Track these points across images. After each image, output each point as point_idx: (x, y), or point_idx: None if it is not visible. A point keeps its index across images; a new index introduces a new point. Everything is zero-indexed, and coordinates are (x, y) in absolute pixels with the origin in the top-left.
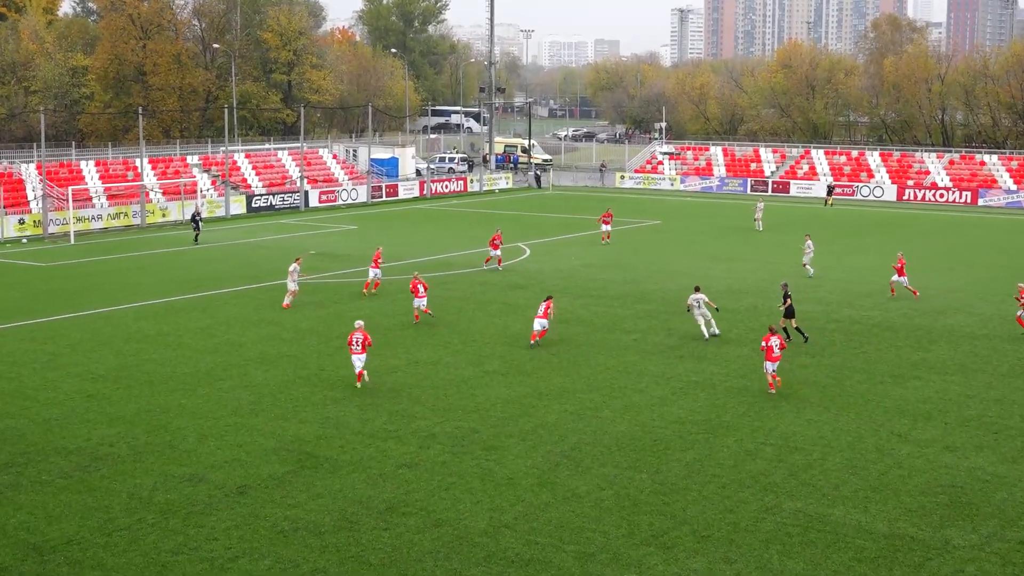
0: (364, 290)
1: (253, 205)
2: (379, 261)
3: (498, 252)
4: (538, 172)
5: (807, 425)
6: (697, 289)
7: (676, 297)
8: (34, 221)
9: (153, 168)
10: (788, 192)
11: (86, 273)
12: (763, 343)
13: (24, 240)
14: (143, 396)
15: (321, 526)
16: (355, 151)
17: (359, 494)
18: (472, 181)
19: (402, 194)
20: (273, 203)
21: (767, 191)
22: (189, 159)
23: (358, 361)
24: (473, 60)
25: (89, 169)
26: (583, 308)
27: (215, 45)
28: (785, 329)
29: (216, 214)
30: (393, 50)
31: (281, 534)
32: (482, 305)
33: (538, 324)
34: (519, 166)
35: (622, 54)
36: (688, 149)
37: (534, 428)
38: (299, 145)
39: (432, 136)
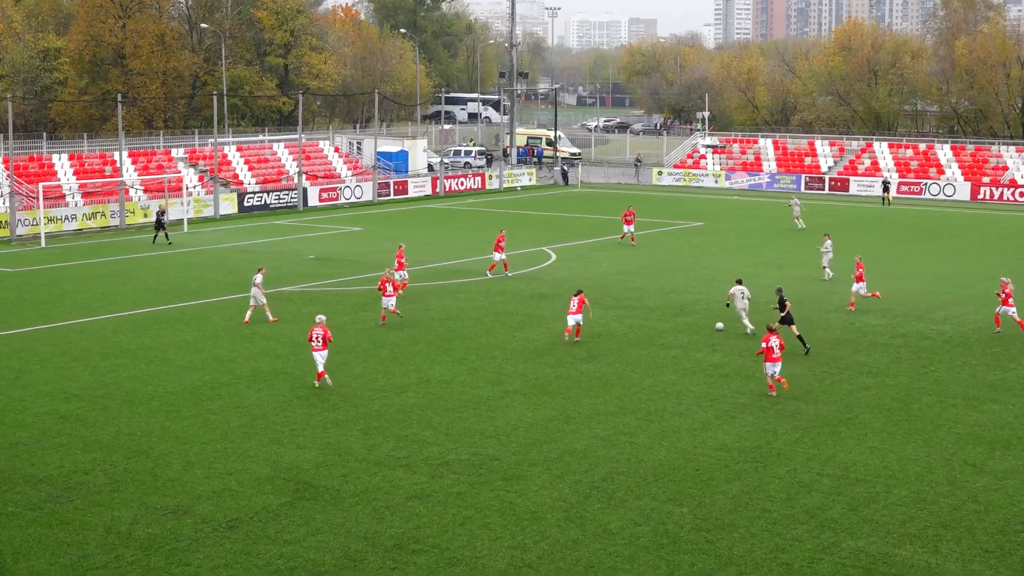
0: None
1: (245, 204)
2: (402, 261)
3: (502, 256)
4: (565, 167)
5: (869, 453)
6: (739, 282)
7: (720, 308)
8: (1, 222)
9: (134, 162)
10: (847, 190)
11: (58, 280)
12: (763, 343)
13: None
14: (122, 418)
15: (321, 565)
16: (359, 143)
17: (364, 529)
18: (491, 177)
19: (412, 192)
20: (268, 202)
21: (823, 189)
22: (174, 152)
23: (319, 358)
24: (492, 41)
25: (62, 163)
26: (616, 320)
27: (203, 25)
28: (799, 337)
29: (204, 214)
30: (402, 30)
31: (276, 574)
32: (502, 317)
33: (572, 320)
34: (544, 160)
35: (660, 35)
36: (734, 142)
37: (560, 455)
38: (297, 137)
39: (446, 127)
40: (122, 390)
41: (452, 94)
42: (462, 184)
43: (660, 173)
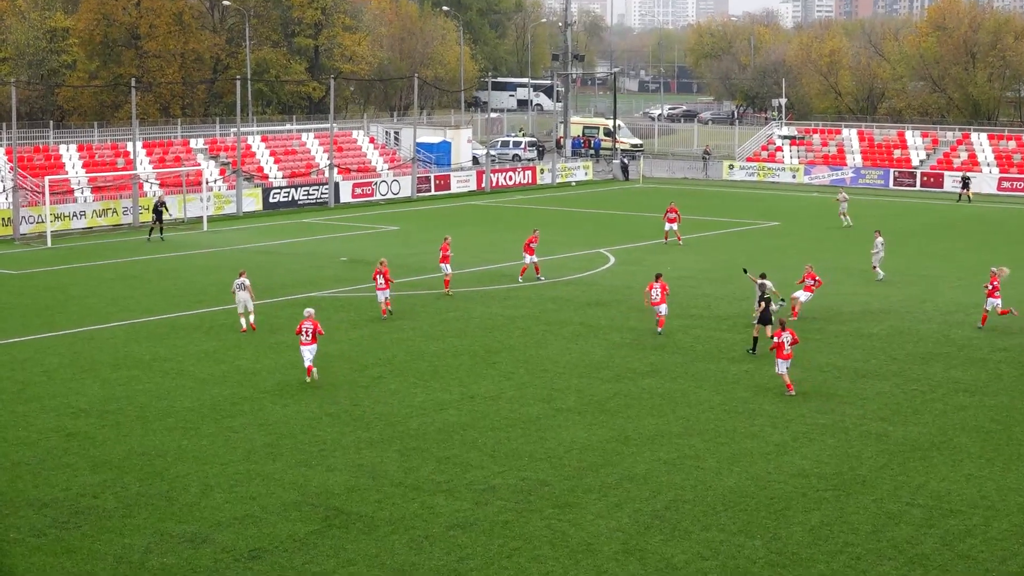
0: (446, 288)
1: (271, 200)
2: (448, 254)
3: (533, 258)
4: (625, 160)
5: (965, 482)
6: (763, 276)
7: (798, 318)
8: (2, 219)
9: (148, 154)
10: (942, 187)
11: (65, 283)
12: (774, 338)
13: None
14: (134, 436)
15: None
16: (397, 133)
17: (400, 561)
18: (542, 171)
19: (455, 187)
20: (295, 197)
21: (914, 184)
22: (192, 143)
23: (308, 353)
24: (544, 20)
25: (70, 155)
26: (681, 331)
27: (225, 2)
28: (756, 339)
29: (225, 211)
30: (445, 8)
31: None
32: (554, 326)
33: (663, 310)
34: (601, 153)
35: (731, 13)
36: (814, 132)
37: (619, 481)
38: (328, 126)
39: (493, 115)
40: (135, 405)
41: (500, 79)
42: (510, 179)
43: (731, 167)
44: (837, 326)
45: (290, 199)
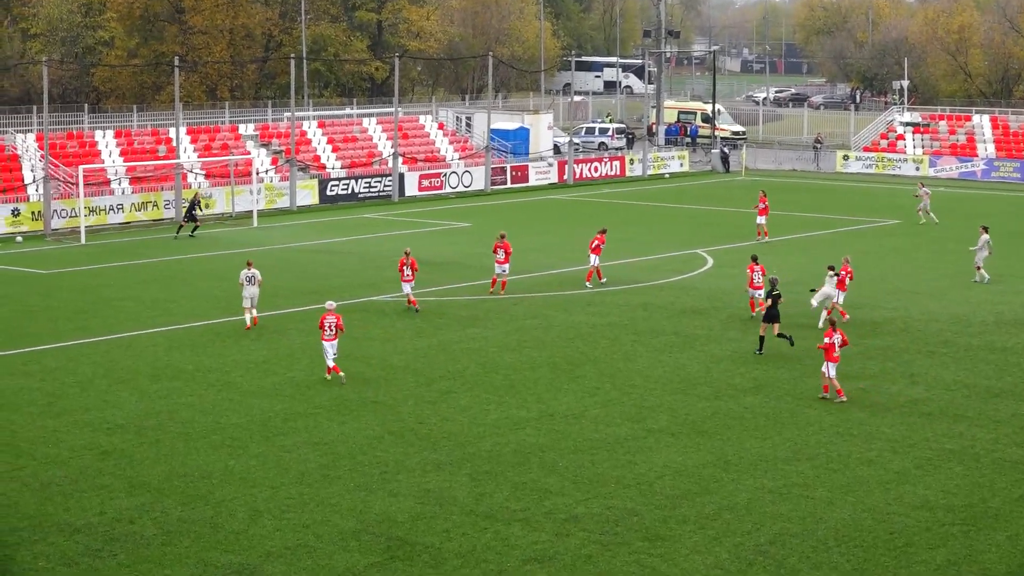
0: (491, 288)
1: (328, 193)
2: (504, 251)
3: (595, 261)
4: (726, 149)
5: None
6: (832, 268)
7: (922, 329)
8: (32, 212)
9: (193, 141)
10: None
11: (100, 284)
12: (824, 339)
13: (18, 239)
14: (176, 455)
15: None
16: (469, 119)
17: None
18: (632, 162)
19: (533, 179)
20: (355, 190)
21: None
22: (241, 129)
23: (331, 349)
24: None
25: (107, 141)
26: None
27: None
28: (762, 338)
29: (277, 205)
30: None
31: None
32: (644, 336)
33: (760, 295)
34: (699, 141)
35: None
36: (940, 118)
37: (717, 511)
38: (392, 110)
39: (576, 98)
40: (176, 421)
41: (584, 58)
42: (596, 170)
43: (846, 157)
44: (966, 339)
45: (349, 192)
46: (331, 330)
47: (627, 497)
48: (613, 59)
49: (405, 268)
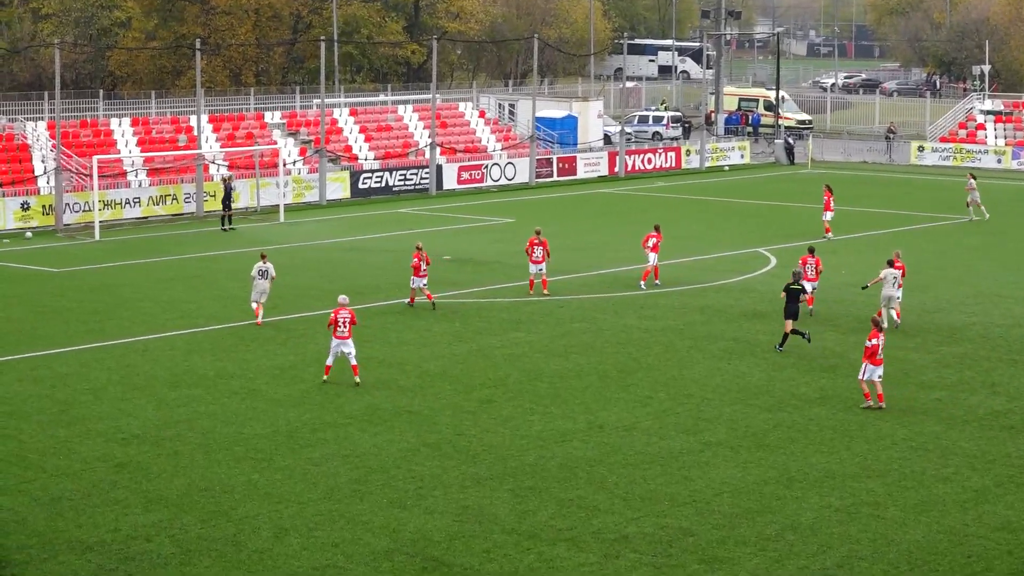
0: (531, 291)
1: (360, 186)
2: (541, 248)
3: (655, 260)
4: (790, 140)
5: None
6: (894, 262)
7: (1003, 335)
8: (43, 206)
9: (215, 130)
10: None
11: (116, 284)
12: (868, 340)
13: (28, 234)
14: (195, 468)
15: None
16: (512, 106)
17: None
18: (689, 153)
19: (582, 172)
20: (390, 183)
21: None
22: (268, 117)
23: (344, 348)
24: None
25: (123, 130)
26: (856, 348)
27: None
28: (786, 335)
29: (306, 199)
30: None
31: None
32: (701, 342)
33: (809, 286)
34: (761, 130)
35: None
36: None
37: (780, 532)
38: (430, 97)
39: (629, 84)
40: (196, 431)
41: (638, 40)
42: (650, 162)
43: (921, 149)
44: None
45: (383, 185)
46: (344, 326)
47: (682, 516)
48: (668, 42)
49: (421, 263)
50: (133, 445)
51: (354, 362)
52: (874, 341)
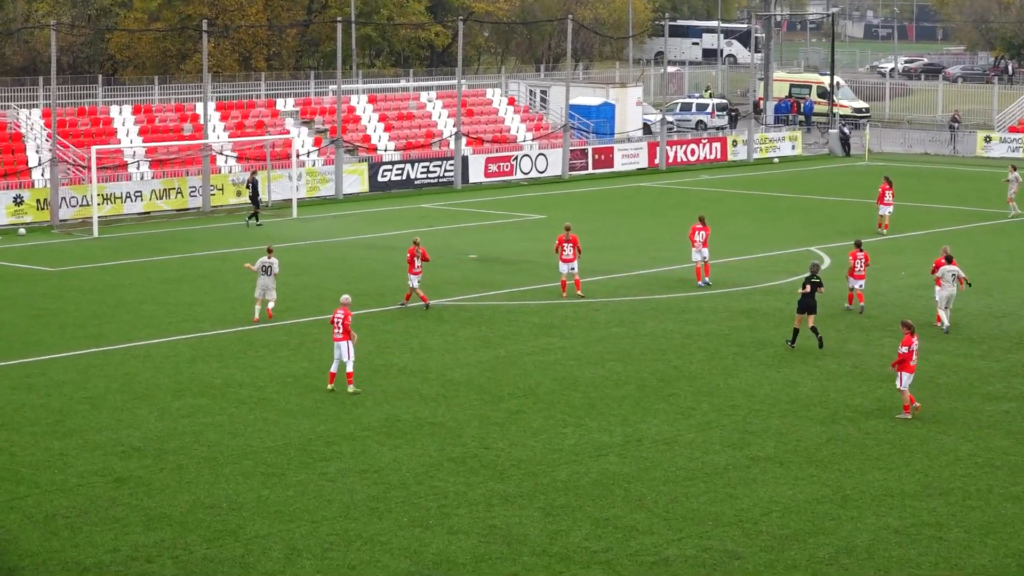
0: (563, 293)
1: (379, 179)
2: (571, 245)
3: (705, 255)
4: (846, 130)
5: None
6: (950, 260)
7: None
8: (37, 200)
9: (223, 118)
10: None
11: (116, 285)
12: (902, 347)
13: (21, 231)
14: (201, 483)
15: None
16: (544, 93)
17: None
18: (735, 143)
19: (620, 164)
20: (412, 175)
21: None
22: (279, 104)
23: (337, 351)
24: None
25: (124, 118)
26: (920, 357)
27: None
28: (796, 330)
29: (321, 192)
30: None
31: None
32: (748, 348)
33: (856, 284)
34: (814, 119)
35: None
36: None
37: (833, 555)
38: (455, 83)
39: (671, 69)
40: (202, 443)
41: (680, 22)
42: (693, 153)
43: (988, 139)
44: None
45: (404, 177)
46: (338, 328)
47: (727, 537)
48: (714, 23)
49: (416, 259)
50: (134, 459)
51: (349, 368)
52: (904, 348)
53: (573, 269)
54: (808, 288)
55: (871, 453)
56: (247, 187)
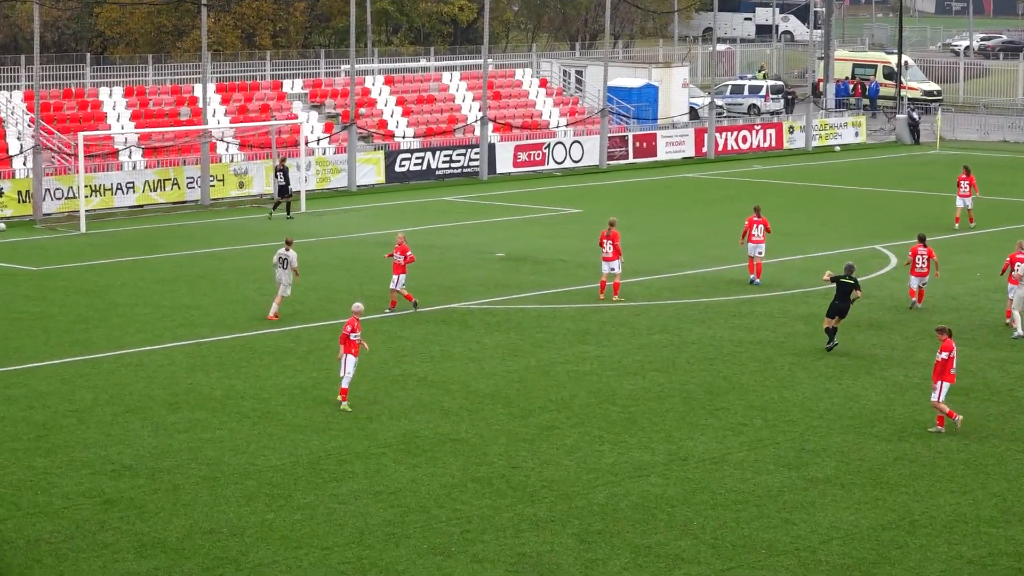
0: (601, 295)
1: (397, 169)
2: (612, 243)
3: (760, 251)
4: (915, 115)
5: None
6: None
7: None
8: (18, 192)
9: (224, 101)
10: None
11: (105, 285)
12: (940, 354)
13: (1, 226)
14: (199, 505)
15: None
16: (580, 73)
17: None
18: (792, 130)
19: (663, 153)
20: (433, 165)
21: None
22: (287, 85)
23: (345, 366)
24: None
25: (114, 101)
26: (994, 367)
27: None
28: (828, 331)
29: (332, 184)
30: None
31: None
32: (806, 357)
33: (916, 282)
34: (879, 103)
35: None
36: None
37: None
38: (480, 62)
39: (720, 47)
40: (200, 461)
41: None
42: (745, 140)
43: None
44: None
45: (425, 167)
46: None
47: (781, 567)
48: None
49: (397, 255)
50: (125, 478)
51: (344, 384)
52: (945, 354)
53: (613, 269)
54: (835, 284)
55: (942, 474)
56: (276, 176)
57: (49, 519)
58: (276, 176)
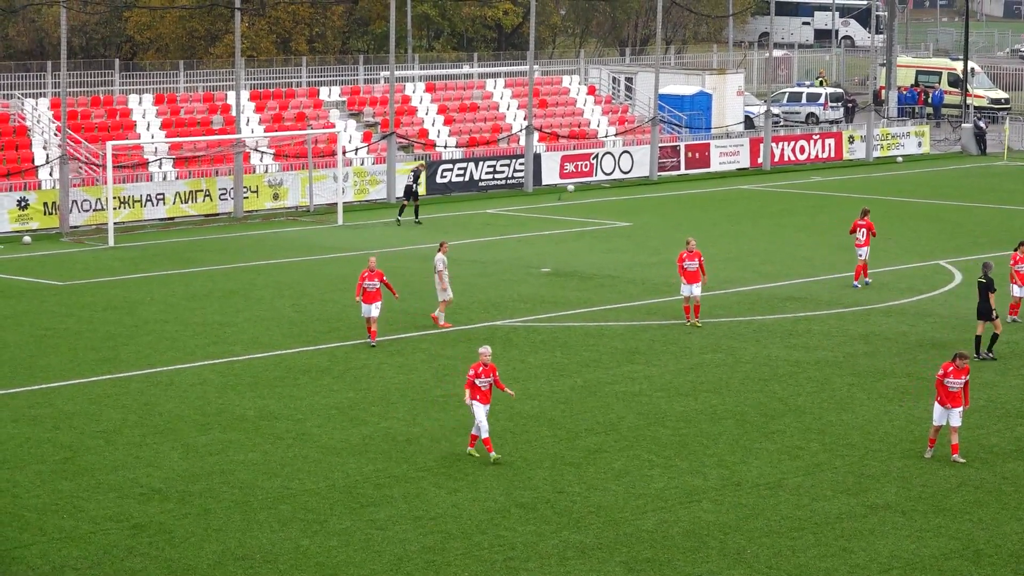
0: (687, 318)
1: (438, 180)
2: (693, 261)
3: (865, 254)
4: (981, 124)
5: None
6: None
7: None
8: (45, 204)
9: (259, 109)
10: None
11: (134, 301)
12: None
13: (26, 239)
14: (231, 531)
15: None
16: (630, 80)
17: None
18: (852, 140)
19: (716, 163)
20: (476, 176)
21: None
22: (323, 93)
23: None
24: None
25: (144, 109)
26: None
27: None
28: (978, 337)
29: (371, 196)
30: None
31: None
32: (866, 379)
33: (1020, 291)
34: (944, 112)
35: None
36: None
37: None
38: (526, 69)
39: (777, 53)
40: (233, 484)
41: None
42: (802, 151)
43: None
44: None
45: (467, 178)
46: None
47: None
48: (827, 0)
49: (365, 282)
50: (154, 502)
51: (481, 435)
52: (956, 380)
53: (693, 293)
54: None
55: (1009, 501)
56: (411, 180)
57: (75, 544)
58: (412, 180)
